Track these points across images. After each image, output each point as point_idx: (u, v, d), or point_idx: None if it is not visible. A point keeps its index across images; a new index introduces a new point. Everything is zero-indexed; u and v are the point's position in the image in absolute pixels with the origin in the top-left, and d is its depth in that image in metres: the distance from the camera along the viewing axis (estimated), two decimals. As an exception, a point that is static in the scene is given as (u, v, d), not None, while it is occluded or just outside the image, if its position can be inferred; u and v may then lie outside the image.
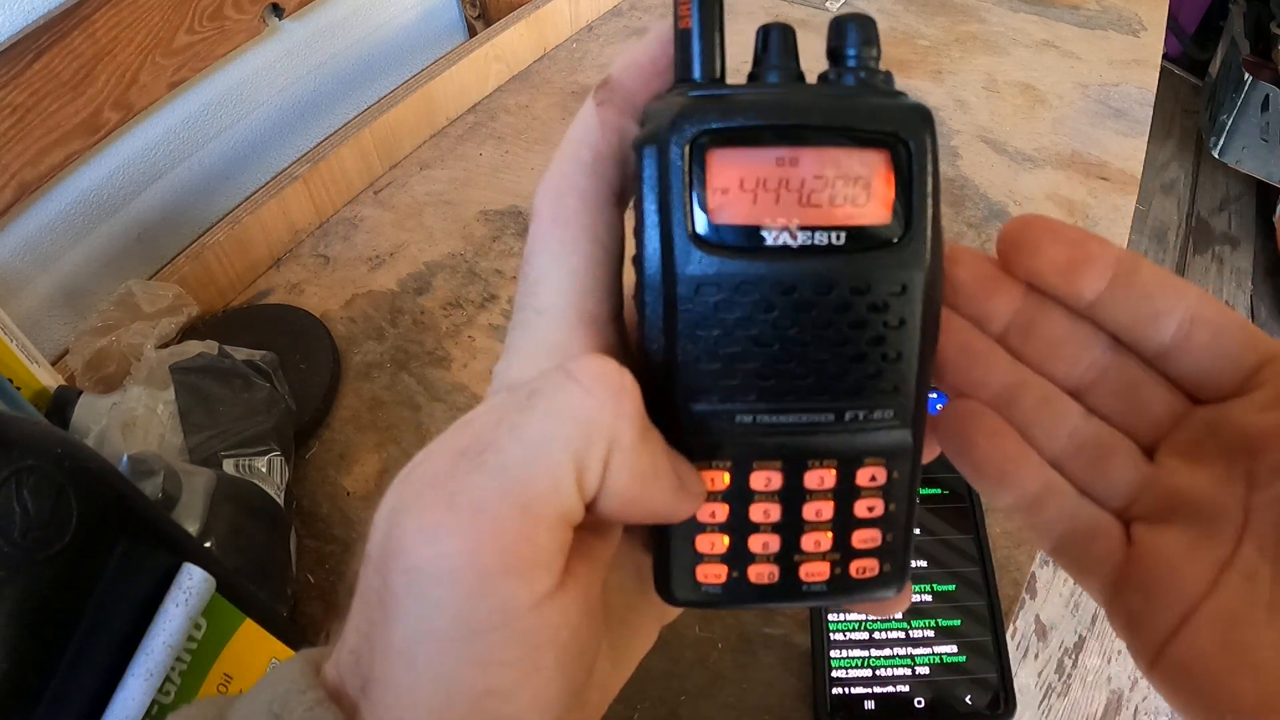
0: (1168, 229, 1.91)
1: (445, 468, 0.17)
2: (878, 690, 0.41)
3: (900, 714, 0.40)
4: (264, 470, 0.47)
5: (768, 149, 0.18)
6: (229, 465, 0.46)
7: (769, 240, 0.18)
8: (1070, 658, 1.21)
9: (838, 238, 0.18)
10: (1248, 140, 1.73)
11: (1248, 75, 1.67)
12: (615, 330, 0.20)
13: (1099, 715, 1.17)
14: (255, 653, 0.32)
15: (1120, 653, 1.21)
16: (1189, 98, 2.19)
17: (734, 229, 0.18)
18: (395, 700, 0.16)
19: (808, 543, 0.21)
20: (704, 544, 0.20)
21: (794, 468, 0.20)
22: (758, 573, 0.21)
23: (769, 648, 0.45)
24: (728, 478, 0.20)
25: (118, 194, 0.63)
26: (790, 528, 0.20)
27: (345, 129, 0.71)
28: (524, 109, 0.81)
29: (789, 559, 0.21)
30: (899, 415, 0.20)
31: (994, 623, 0.43)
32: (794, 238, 0.18)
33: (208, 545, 0.41)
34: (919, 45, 0.87)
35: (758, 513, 0.20)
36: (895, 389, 0.20)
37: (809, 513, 0.20)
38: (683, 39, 0.19)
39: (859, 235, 0.18)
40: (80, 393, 0.48)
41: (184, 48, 0.62)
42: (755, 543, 0.20)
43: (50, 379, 0.49)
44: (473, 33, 0.90)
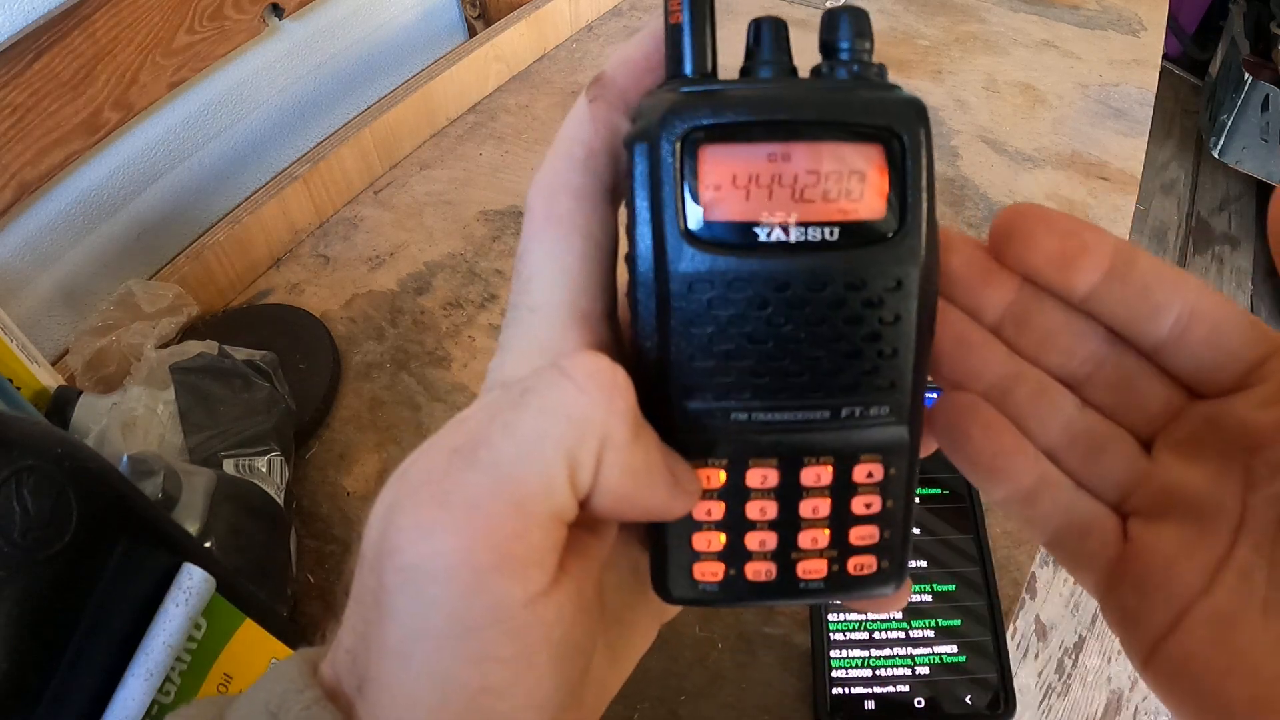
0: (1168, 229, 1.90)
1: (440, 465, 0.17)
2: (878, 690, 0.41)
3: (900, 714, 0.40)
4: (264, 470, 0.48)
5: (760, 144, 0.18)
6: (229, 465, 0.46)
7: (762, 236, 0.18)
8: (1070, 658, 1.21)
9: (831, 233, 0.18)
10: (1248, 140, 1.73)
11: (1248, 75, 1.66)
12: (609, 327, 0.20)
13: (1099, 715, 1.17)
14: (255, 653, 0.32)
15: (1120, 653, 1.21)
16: (1189, 98, 2.19)
17: (726, 225, 0.18)
18: (391, 699, 0.16)
19: (805, 540, 0.20)
20: (700, 542, 0.20)
21: (790, 465, 0.20)
22: (755, 570, 0.20)
23: (769, 647, 0.44)
24: (723, 475, 0.20)
25: (118, 194, 0.63)
26: (787, 525, 0.20)
27: (345, 129, 0.71)
28: (524, 109, 0.81)
29: (786, 556, 0.20)
30: (895, 411, 0.20)
31: (994, 623, 0.43)
32: (787, 234, 0.18)
33: (208, 545, 0.41)
34: (919, 45, 0.87)
35: (754, 510, 0.20)
36: (891, 385, 0.19)
37: (806, 510, 0.20)
38: (674, 34, 0.19)
39: (853, 230, 0.18)
40: (80, 393, 0.48)
41: (184, 48, 0.62)
42: (752, 540, 0.20)
43: (50, 379, 0.49)
44: (473, 33, 0.90)
